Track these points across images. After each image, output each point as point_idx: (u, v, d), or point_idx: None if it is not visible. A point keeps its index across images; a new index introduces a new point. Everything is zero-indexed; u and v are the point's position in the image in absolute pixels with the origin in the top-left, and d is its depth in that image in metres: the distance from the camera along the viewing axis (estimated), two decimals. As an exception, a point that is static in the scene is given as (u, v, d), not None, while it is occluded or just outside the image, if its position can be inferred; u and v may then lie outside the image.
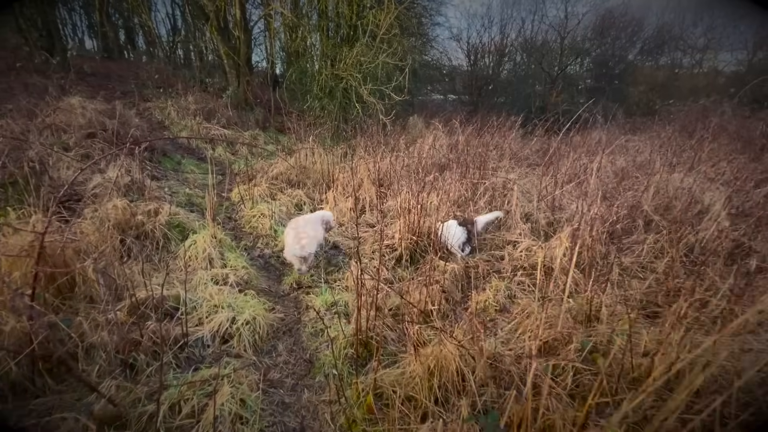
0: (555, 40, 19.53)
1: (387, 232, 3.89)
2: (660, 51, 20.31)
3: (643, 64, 20.04)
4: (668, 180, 4.06)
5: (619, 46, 20.40)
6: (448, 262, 3.48)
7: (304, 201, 5.32)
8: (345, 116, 8.99)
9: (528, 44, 20.25)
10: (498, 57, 20.29)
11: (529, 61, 20.46)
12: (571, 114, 10.60)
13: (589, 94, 19.38)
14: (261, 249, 3.99)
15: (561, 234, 3.57)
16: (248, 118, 9.65)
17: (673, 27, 19.78)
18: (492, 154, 6.07)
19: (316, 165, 6.18)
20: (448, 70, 19.33)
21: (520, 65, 20.92)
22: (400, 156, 5.86)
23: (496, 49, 20.12)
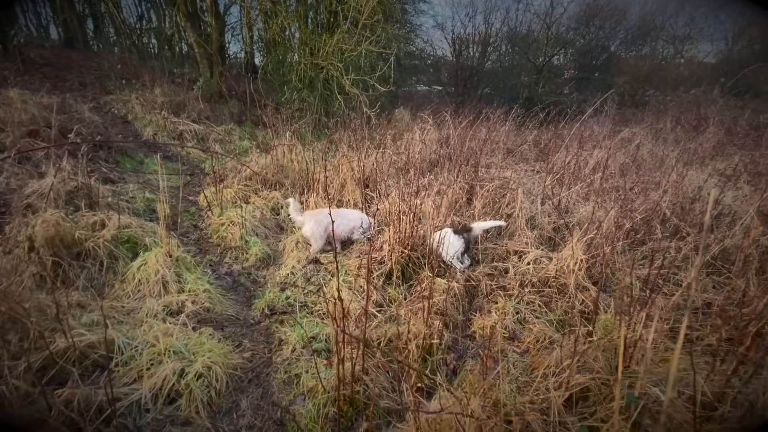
0: (540, 30, 19.21)
1: (374, 243, 3.40)
2: (643, 41, 20.23)
3: (627, 55, 19.93)
4: (683, 178, 3.68)
5: (602, 36, 20.23)
6: (446, 278, 3.02)
7: (281, 204, 4.77)
8: (326, 109, 8.40)
9: (513, 34, 19.88)
10: (483, 47, 19.85)
11: (513, 51, 20.12)
12: (559, 105, 10.24)
13: (574, 84, 19.18)
14: (229, 264, 3.45)
15: (572, 243, 3.14)
16: (222, 112, 8.96)
17: (655, 17, 19.69)
18: (485, 149, 5.62)
19: (294, 163, 5.62)
20: (432, 61, 18.81)
21: (505, 55, 20.56)
22: (386, 152, 5.36)
23: (480, 39, 19.68)
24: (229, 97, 9.72)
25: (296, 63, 8.52)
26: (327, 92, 8.30)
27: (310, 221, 3.43)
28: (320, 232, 3.42)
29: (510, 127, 7.66)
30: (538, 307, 2.76)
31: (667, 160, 4.83)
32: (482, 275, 3.12)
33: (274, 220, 4.53)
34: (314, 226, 3.38)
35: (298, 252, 3.52)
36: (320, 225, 3.40)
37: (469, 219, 3.67)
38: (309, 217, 3.46)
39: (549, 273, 2.97)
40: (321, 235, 3.43)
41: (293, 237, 3.79)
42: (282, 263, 3.50)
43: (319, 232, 3.41)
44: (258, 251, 3.59)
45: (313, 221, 3.40)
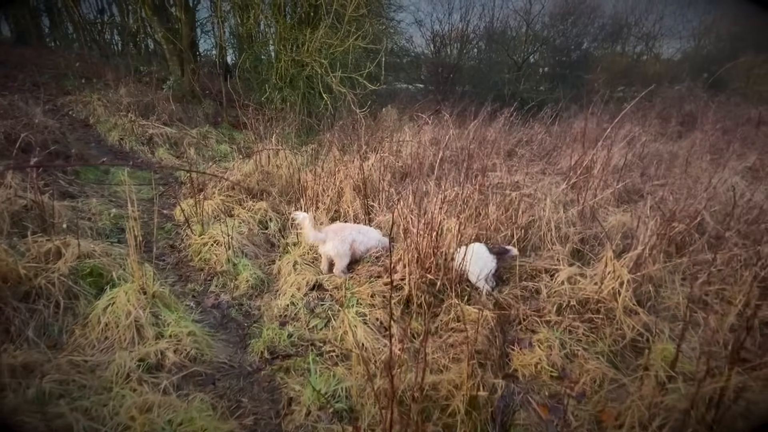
0: (518, 27, 19.19)
1: (385, 263, 2.97)
2: (615, 39, 20.58)
3: (603, 52, 20.20)
4: (711, 178, 3.43)
5: (576, 33, 20.43)
6: (473, 303, 2.64)
7: (269, 217, 4.27)
8: (310, 109, 7.88)
9: (490, 31, 19.78)
10: (461, 44, 19.68)
11: (491, 48, 20.03)
12: (544, 102, 10.05)
13: (552, 81, 19.29)
14: (216, 295, 2.95)
15: (607, 256, 2.82)
16: (196, 113, 8.28)
17: (627, 15, 20.04)
18: (485, 150, 5.28)
19: (281, 169, 5.11)
20: (413, 58, 18.45)
21: (485, 53, 20.44)
22: (384, 155, 4.93)
23: (459, 36, 19.50)
24: (202, 97, 9.03)
25: (276, 60, 7.96)
26: (310, 91, 7.78)
27: (333, 239, 3.04)
28: (345, 250, 3.06)
29: (502, 125, 7.39)
30: (584, 336, 2.41)
31: (677, 159, 4.64)
32: (512, 297, 2.75)
33: (263, 235, 4.03)
34: (339, 244, 3.03)
35: (297, 275, 3.05)
36: (345, 243, 3.06)
37: (485, 230, 3.29)
38: (332, 234, 3.07)
39: (588, 293, 2.63)
40: (346, 253, 3.07)
41: (288, 257, 3.32)
42: (279, 290, 3.02)
43: (344, 250, 3.05)
44: (249, 276, 3.09)
45: (338, 239, 3.04)
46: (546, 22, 19.58)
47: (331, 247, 3.01)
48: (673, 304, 2.64)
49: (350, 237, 3.07)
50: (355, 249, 3.12)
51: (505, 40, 19.42)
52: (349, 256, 3.07)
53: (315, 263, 3.27)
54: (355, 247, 3.12)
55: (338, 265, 3.04)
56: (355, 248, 3.12)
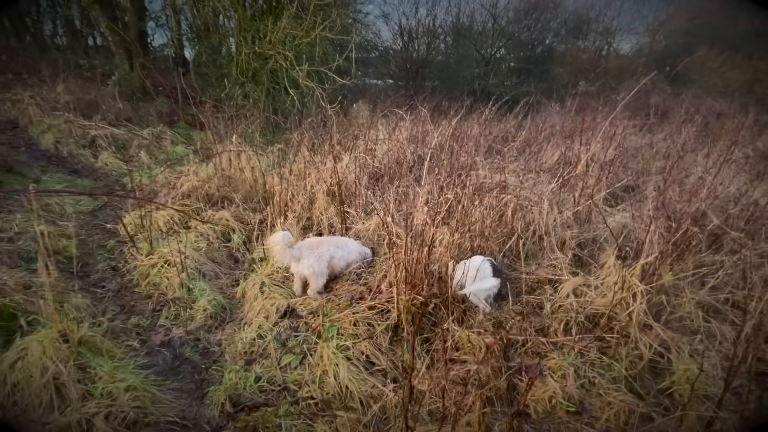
0: (485, 21, 19.17)
1: (370, 283, 2.59)
2: (577, 33, 21.02)
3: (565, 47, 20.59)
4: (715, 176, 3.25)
5: (540, 28, 20.70)
6: (470, 326, 2.31)
7: (232, 227, 3.78)
8: (276, 106, 7.33)
9: (458, 26, 19.69)
10: (429, 38, 19.47)
11: (458, 43, 19.93)
12: (515, 96, 9.95)
13: (519, 76, 19.43)
14: (166, 329, 2.46)
15: (613, 265, 2.57)
16: (147, 112, 7.54)
17: (588, 10, 20.51)
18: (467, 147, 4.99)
19: (244, 173, 4.60)
20: (381, 52, 18.04)
21: (453, 47, 20.31)
22: (359, 154, 4.52)
23: (426, 30, 19.27)
24: (155, 94, 8.26)
25: (236, 53, 7.33)
26: (275, 86, 7.23)
27: (309, 256, 2.63)
28: (323, 268, 2.66)
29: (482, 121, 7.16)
30: (597, 359, 2.13)
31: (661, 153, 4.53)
32: (512, 315, 2.44)
33: (225, 249, 3.54)
34: (315, 262, 2.63)
35: (265, 300, 2.61)
36: (322, 260, 2.66)
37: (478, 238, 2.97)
38: (307, 251, 2.65)
39: (596, 307, 2.36)
40: (323, 272, 2.67)
41: (254, 277, 2.86)
42: (243, 319, 2.57)
43: (321, 269, 2.65)
44: (207, 304, 2.62)
45: (314, 256, 2.64)
46: (511, 17, 19.70)
47: (307, 266, 2.59)
48: (684, 314, 2.42)
49: (328, 253, 2.67)
50: (334, 266, 2.72)
51: (472, 35, 19.37)
52: (326, 275, 2.67)
53: (286, 283, 2.83)
54: (334, 264, 2.71)
55: (314, 286, 2.63)
56: (333, 265, 2.71)
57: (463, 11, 18.66)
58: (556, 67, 18.93)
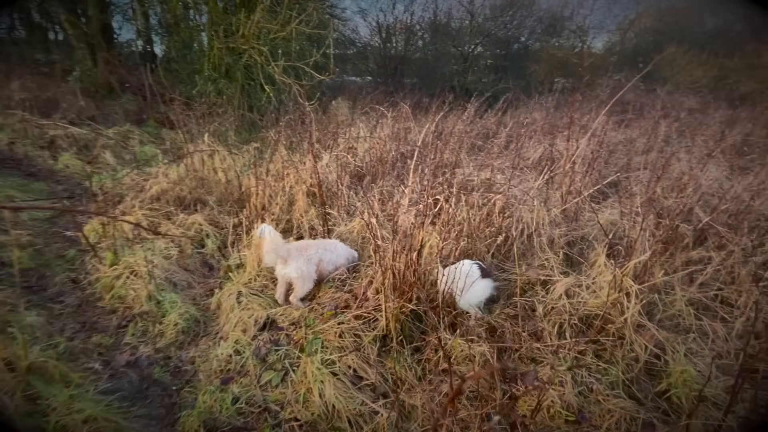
0: (462, 18, 19.22)
1: (355, 290, 2.44)
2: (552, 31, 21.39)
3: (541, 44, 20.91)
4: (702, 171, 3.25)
5: (516, 25, 20.94)
6: (462, 333, 2.20)
7: (206, 232, 3.56)
8: (251, 103, 7.05)
9: (435, 22, 19.68)
10: (407, 35, 19.37)
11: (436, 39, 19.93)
12: (496, 93, 10.02)
13: (496, 73, 19.59)
14: (133, 347, 2.25)
15: (604, 264, 2.51)
16: (113, 110, 7.13)
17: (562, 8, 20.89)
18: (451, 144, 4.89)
19: (219, 173, 4.37)
20: (359, 49, 17.81)
21: (431, 44, 20.28)
22: (339, 153, 4.35)
23: (403, 27, 19.17)
24: (121, 91, 7.82)
25: (208, 48, 7.01)
26: (250, 82, 6.95)
27: (298, 259, 2.49)
28: (311, 272, 2.52)
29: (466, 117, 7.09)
30: (592, 362, 2.05)
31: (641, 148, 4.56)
32: (503, 318, 2.35)
33: (198, 256, 3.32)
34: (304, 264, 2.49)
35: (242, 311, 2.42)
36: (311, 263, 2.52)
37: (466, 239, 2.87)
38: (295, 253, 2.52)
39: (590, 308, 2.29)
40: (311, 276, 2.53)
41: (230, 286, 2.67)
42: (219, 333, 2.38)
43: (310, 273, 2.51)
44: (179, 317, 2.42)
45: (303, 259, 2.50)
46: (487, 14, 19.83)
47: (294, 269, 2.44)
48: (675, 312, 2.38)
49: (316, 256, 2.54)
50: (322, 269, 2.59)
51: (450, 31, 19.39)
52: (314, 280, 2.52)
53: (265, 291, 2.66)
54: (323, 267, 2.58)
55: (299, 291, 2.47)
56: (322, 269, 2.58)
57: (440, 8, 18.59)
58: (532, 65, 19.16)
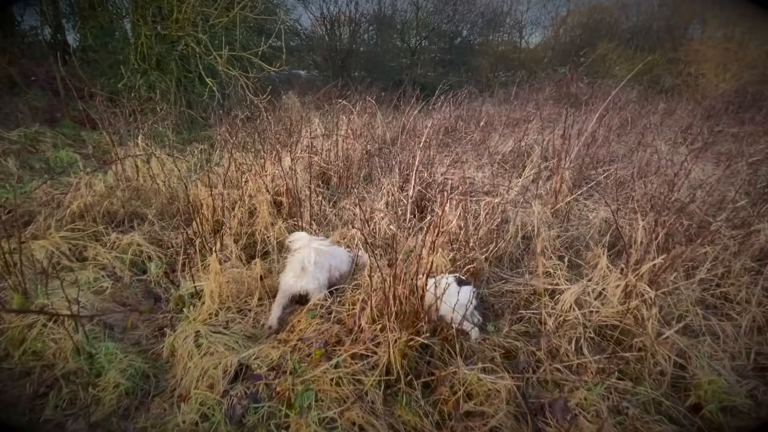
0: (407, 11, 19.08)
1: (346, 320, 2.06)
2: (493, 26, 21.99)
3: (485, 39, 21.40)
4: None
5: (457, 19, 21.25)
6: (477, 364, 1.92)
7: (149, 255, 2.96)
8: (190, 98, 6.27)
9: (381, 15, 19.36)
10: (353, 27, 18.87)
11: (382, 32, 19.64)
12: (443, 87, 10.00)
13: (444, 66, 19.75)
14: (56, 424, 1.69)
15: (606, 266, 2.36)
16: (16, 107, 5.98)
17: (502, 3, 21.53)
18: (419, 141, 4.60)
19: (158, 182, 3.72)
20: (304, 40, 16.99)
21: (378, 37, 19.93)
22: (303, 154, 3.88)
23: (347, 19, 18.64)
24: (26, 86, 6.61)
25: (133, 35, 6.10)
26: (187, 74, 6.17)
27: (312, 270, 2.22)
28: (325, 281, 2.28)
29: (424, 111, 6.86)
30: (620, 382, 1.86)
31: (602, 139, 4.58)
32: (514, 337, 2.11)
33: (139, 286, 2.74)
34: (320, 272, 2.24)
35: (205, 358, 1.94)
36: (324, 270, 2.27)
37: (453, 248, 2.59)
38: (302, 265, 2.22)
39: (604, 318, 2.11)
40: (325, 286, 2.30)
41: (186, 325, 2.16)
42: (177, 389, 1.88)
43: (325, 282, 2.27)
44: (119, 375, 1.87)
45: (317, 267, 2.23)
46: (431, 8, 19.88)
47: (312, 280, 2.17)
48: (683, 313, 2.29)
49: (326, 261, 2.27)
50: (331, 278, 2.35)
51: (395, 24, 19.18)
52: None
53: (231, 327, 2.18)
54: (332, 275, 2.34)
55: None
56: (331, 276, 2.34)
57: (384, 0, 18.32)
58: (477, 58, 19.57)
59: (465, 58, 20.51)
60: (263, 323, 2.24)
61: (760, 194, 2.88)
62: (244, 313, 2.26)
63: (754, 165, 3.41)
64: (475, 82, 14.07)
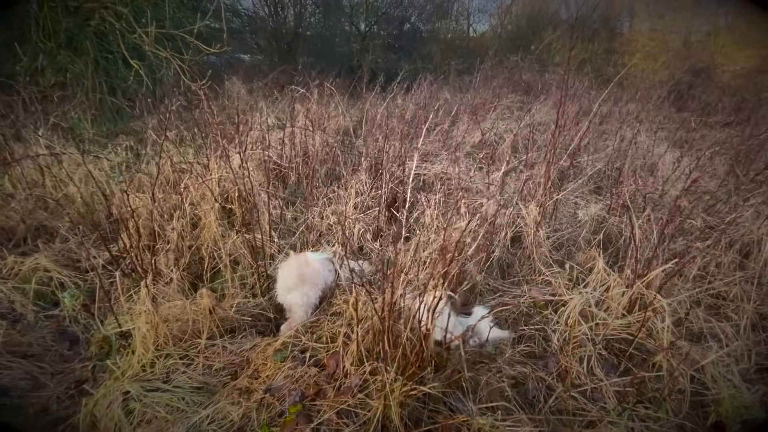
0: (356, -6, 18.38)
1: (326, 361, 1.66)
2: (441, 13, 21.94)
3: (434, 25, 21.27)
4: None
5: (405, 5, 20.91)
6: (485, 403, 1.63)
7: (60, 281, 2.35)
8: (113, 83, 5.37)
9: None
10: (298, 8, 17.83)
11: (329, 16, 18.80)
12: (394, 73, 9.64)
13: (396, 52, 19.37)
14: None
15: (603, 269, 2.17)
16: None
17: (448, -8, 21.48)
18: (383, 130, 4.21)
19: (71, 187, 3.02)
20: (244, 20, 15.72)
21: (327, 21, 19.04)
22: (251, 150, 3.35)
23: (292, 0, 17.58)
24: None
25: (34, 6, 5.05)
26: (107, 55, 5.26)
27: (302, 286, 1.99)
28: (314, 300, 2.04)
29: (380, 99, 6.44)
30: (641, 407, 1.66)
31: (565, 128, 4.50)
32: (519, 359, 1.85)
33: (49, 324, 2.15)
34: (311, 290, 2.03)
35: (140, 428, 1.46)
36: (317, 288, 2.05)
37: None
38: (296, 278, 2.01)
39: (613, 332, 1.91)
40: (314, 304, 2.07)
41: (113, 382, 1.65)
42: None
43: (313, 301, 2.04)
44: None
45: (309, 285, 2.02)
46: (377, -6, 19.35)
47: (300, 295, 1.98)
48: (683, 316, 2.16)
49: (321, 278, 2.07)
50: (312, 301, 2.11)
51: (342, 7, 18.43)
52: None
53: (173, 376, 1.70)
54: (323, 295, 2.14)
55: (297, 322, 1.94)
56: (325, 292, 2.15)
57: (333, -19, 17.46)
58: (428, 45, 19.38)
59: (415, 44, 20.26)
60: (216, 366, 1.78)
61: (735, 185, 2.88)
62: (189, 358, 1.78)
63: (717, 154, 3.45)
64: (431, 69, 13.84)
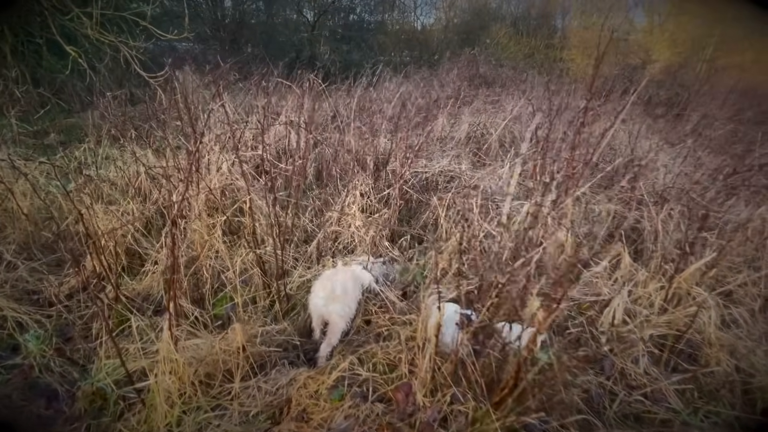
0: (299, -18, 17.55)
1: (392, 393, 1.46)
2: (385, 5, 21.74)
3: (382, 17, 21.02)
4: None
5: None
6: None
7: (18, 320, 1.89)
8: (39, 74, 4.56)
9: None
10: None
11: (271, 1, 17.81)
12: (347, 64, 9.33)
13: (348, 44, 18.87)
14: None
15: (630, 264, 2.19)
16: None
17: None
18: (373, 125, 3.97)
19: (11, 201, 2.47)
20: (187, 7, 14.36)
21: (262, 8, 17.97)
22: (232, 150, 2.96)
23: (232, -14, 16.38)
24: None
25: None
26: (31, 39, 4.44)
27: (345, 297, 1.84)
28: (354, 311, 1.91)
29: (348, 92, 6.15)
30: (701, 403, 1.67)
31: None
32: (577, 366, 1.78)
33: (12, 377, 1.70)
34: (353, 303, 1.89)
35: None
36: (355, 302, 1.92)
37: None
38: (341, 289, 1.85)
39: (659, 328, 1.91)
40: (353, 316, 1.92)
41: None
42: None
43: (353, 313, 1.90)
44: None
45: (351, 296, 1.88)
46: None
47: (341, 307, 1.83)
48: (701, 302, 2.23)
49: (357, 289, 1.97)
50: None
51: (285, -6, 17.55)
52: None
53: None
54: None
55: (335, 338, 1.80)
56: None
57: (277, -35, 16.53)
58: (377, 36, 19.11)
59: (363, 35, 19.89)
60: (253, 412, 1.50)
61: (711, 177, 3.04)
62: (222, 407, 1.47)
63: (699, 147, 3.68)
64: (386, 61, 13.64)
